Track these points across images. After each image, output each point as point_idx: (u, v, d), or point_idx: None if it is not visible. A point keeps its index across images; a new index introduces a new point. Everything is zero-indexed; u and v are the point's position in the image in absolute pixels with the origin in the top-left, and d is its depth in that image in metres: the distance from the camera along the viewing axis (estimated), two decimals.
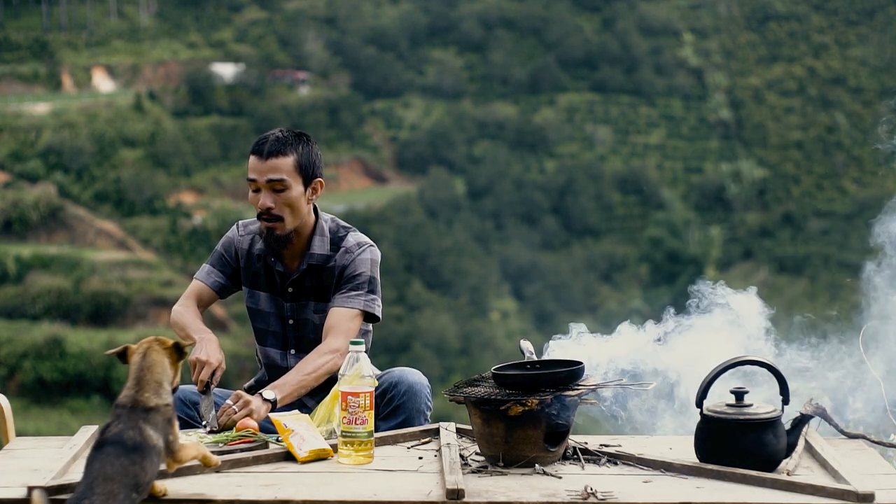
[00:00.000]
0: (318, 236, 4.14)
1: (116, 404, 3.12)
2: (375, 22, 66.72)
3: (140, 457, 2.98)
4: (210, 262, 4.25)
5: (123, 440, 2.99)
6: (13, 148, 52.15)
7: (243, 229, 4.25)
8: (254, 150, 4.09)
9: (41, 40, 61.55)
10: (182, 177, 53.35)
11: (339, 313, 4.05)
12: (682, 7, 70.85)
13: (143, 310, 43.29)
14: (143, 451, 3.00)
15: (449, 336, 44.87)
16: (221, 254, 4.24)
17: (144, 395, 3.11)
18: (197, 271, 4.27)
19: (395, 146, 60.61)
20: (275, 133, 4.10)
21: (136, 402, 3.10)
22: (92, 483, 2.90)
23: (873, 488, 3.19)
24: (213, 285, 4.22)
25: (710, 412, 3.47)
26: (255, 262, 4.20)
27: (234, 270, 4.24)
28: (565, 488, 3.28)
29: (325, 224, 4.16)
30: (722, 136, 64.07)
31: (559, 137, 61.47)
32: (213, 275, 4.23)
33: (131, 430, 3.02)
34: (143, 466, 2.98)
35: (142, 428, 3.04)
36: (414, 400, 4.01)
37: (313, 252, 4.12)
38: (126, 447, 2.98)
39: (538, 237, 54.41)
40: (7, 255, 45.14)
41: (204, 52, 62.95)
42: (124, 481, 2.92)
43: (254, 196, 4.09)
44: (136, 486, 2.96)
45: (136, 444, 3.00)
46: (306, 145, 4.10)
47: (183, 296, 4.21)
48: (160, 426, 3.09)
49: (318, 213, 4.19)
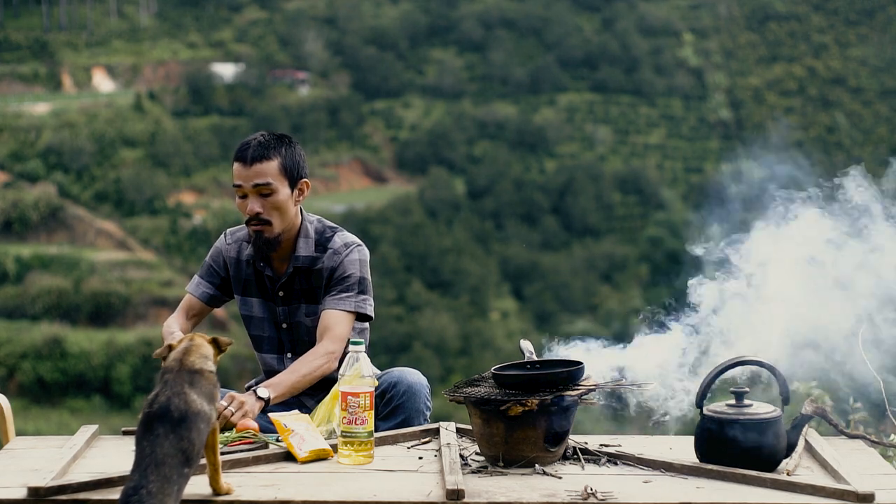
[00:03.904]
0: (303, 238, 4.13)
1: (163, 368, 3.13)
2: (375, 22, 66.74)
3: (187, 429, 2.98)
4: (199, 274, 4.25)
5: (170, 411, 2.99)
6: (13, 148, 52.15)
7: (230, 237, 4.24)
8: (237, 156, 4.07)
9: (41, 40, 61.56)
10: (182, 177, 53.36)
11: (331, 315, 4.04)
12: (682, 7, 70.86)
13: (143, 310, 43.28)
14: (189, 421, 3.00)
15: (449, 336, 44.85)
16: (210, 264, 4.24)
17: (191, 359, 3.15)
18: (189, 282, 4.27)
19: (395, 146, 60.62)
20: (256, 138, 4.09)
21: (182, 365, 3.13)
22: (146, 470, 2.89)
23: (873, 488, 3.19)
24: (202, 297, 4.21)
25: (710, 412, 3.47)
26: (245, 268, 4.19)
27: (223, 280, 4.23)
28: (565, 488, 3.28)
29: (309, 225, 4.15)
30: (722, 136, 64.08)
31: (559, 137, 61.48)
32: (202, 286, 4.22)
33: (176, 398, 3.02)
34: (192, 439, 2.98)
35: (186, 393, 3.04)
36: (413, 400, 4.01)
37: (299, 254, 4.12)
38: (173, 421, 2.98)
39: (538, 237, 54.42)
40: (7, 255, 45.14)
41: (204, 52, 62.97)
42: (176, 460, 2.93)
43: (241, 202, 4.08)
44: (188, 461, 2.96)
45: (182, 414, 3.00)
46: (289, 147, 4.09)
47: (176, 309, 4.23)
48: (206, 391, 3.10)
49: (304, 214, 4.18)
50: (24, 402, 36.50)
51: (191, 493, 3.19)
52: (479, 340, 45.46)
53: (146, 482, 2.87)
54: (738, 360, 3.52)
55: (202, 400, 3.07)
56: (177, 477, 2.91)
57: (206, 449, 3.16)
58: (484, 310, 49.28)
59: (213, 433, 3.17)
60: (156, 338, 38.81)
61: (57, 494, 3.18)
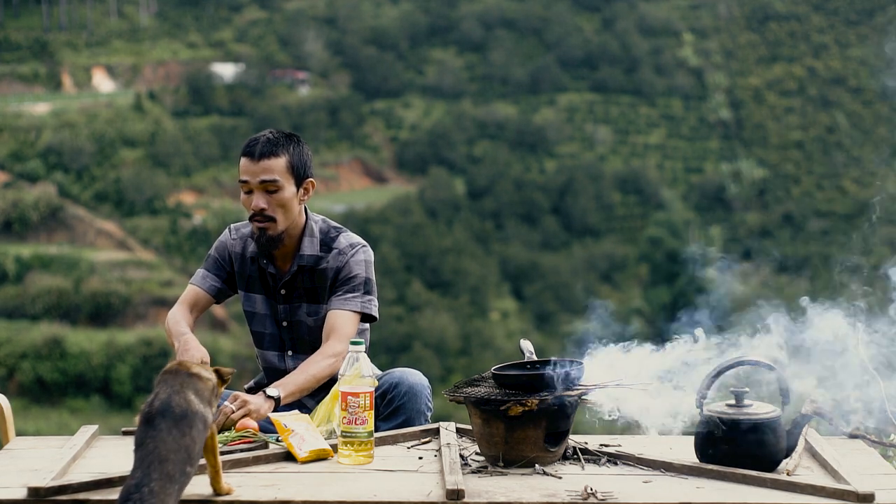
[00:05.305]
0: (308, 237, 4.13)
1: (163, 371, 3.13)
2: (375, 22, 66.75)
3: (188, 426, 2.98)
4: (205, 267, 4.24)
5: (172, 408, 2.98)
6: (13, 148, 52.17)
7: (235, 233, 4.25)
8: (245, 151, 4.08)
9: (41, 40, 61.57)
10: (182, 177, 53.36)
11: (337, 316, 4.05)
12: (682, 7, 70.88)
13: (143, 310, 43.30)
14: (190, 418, 3.00)
15: (449, 336, 44.86)
16: (216, 258, 4.24)
17: (188, 364, 3.16)
18: (192, 276, 4.27)
19: (395, 146, 60.62)
20: (265, 134, 4.10)
21: (181, 366, 3.14)
22: (149, 467, 2.87)
23: (873, 488, 3.19)
24: (209, 289, 4.21)
25: (710, 412, 3.47)
26: (249, 265, 4.20)
27: (229, 274, 4.23)
28: (565, 488, 3.28)
29: (314, 225, 4.16)
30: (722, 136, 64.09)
31: (559, 137, 61.49)
32: (209, 279, 4.22)
33: (177, 395, 3.02)
34: (193, 436, 2.98)
35: (186, 392, 3.05)
36: (414, 401, 4.01)
37: (303, 253, 4.12)
38: (175, 417, 2.97)
39: (538, 237, 54.42)
40: (7, 255, 45.15)
41: (204, 52, 62.98)
42: (178, 457, 2.91)
43: (246, 198, 4.09)
44: (190, 458, 2.95)
45: (183, 411, 2.99)
46: (297, 146, 4.10)
47: (178, 301, 4.21)
48: (204, 395, 3.10)
49: (308, 213, 4.18)
50: (24, 402, 36.51)
51: (191, 493, 3.19)
52: (479, 340, 45.47)
53: (148, 480, 2.84)
54: (738, 360, 3.51)
55: (200, 402, 3.07)
56: (179, 476, 2.90)
57: (206, 451, 3.16)
58: (484, 310, 49.29)
59: (213, 436, 3.17)
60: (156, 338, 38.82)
61: (57, 494, 3.18)
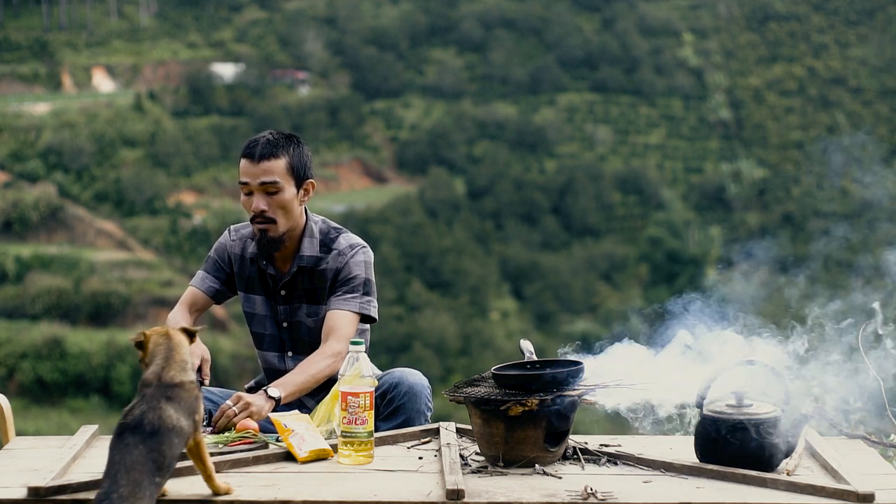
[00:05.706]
0: (308, 238, 4.14)
1: (142, 381, 3.14)
2: (375, 22, 66.75)
3: (158, 442, 3.01)
4: (204, 269, 4.25)
5: (143, 425, 3.02)
6: (13, 148, 52.16)
7: (235, 234, 4.25)
8: (245, 153, 4.08)
9: (41, 40, 61.56)
10: (182, 177, 53.35)
11: (337, 316, 4.05)
12: (682, 7, 70.88)
13: (143, 310, 43.28)
14: (162, 434, 3.02)
15: (449, 336, 44.86)
16: (216, 259, 4.24)
17: (170, 373, 3.14)
18: (192, 278, 4.28)
19: (395, 146, 60.62)
20: (265, 136, 4.10)
21: (161, 379, 3.13)
22: (116, 475, 2.93)
23: (873, 488, 3.19)
24: (208, 291, 4.22)
25: (710, 412, 3.47)
26: (249, 266, 4.20)
27: (228, 276, 4.24)
28: (565, 488, 3.28)
29: (314, 226, 4.16)
30: (722, 136, 64.08)
31: (559, 137, 61.48)
32: (208, 280, 4.23)
33: (151, 413, 3.04)
34: (163, 451, 3.01)
35: (162, 409, 3.06)
36: (414, 401, 4.01)
37: (303, 254, 4.13)
38: (145, 433, 3.00)
39: (538, 237, 54.42)
40: (7, 255, 45.14)
41: (204, 52, 62.98)
42: (146, 468, 2.96)
43: (246, 199, 4.09)
44: (159, 469, 2.99)
45: (154, 428, 3.02)
46: (297, 147, 4.10)
47: (178, 303, 4.22)
48: (186, 404, 3.11)
49: (308, 214, 4.19)
50: (24, 402, 36.50)
51: (191, 493, 3.19)
52: (479, 340, 45.47)
53: (117, 487, 2.90)
54: (738, 361, 3.51)
55: (180, 415, 3.08)
56: (147, 483, 2.94)
57: (193, 458, 3.19)
58: (484, 310, 49.29)
59: (198, 443, 3.18)
60: None
61: (57, 494, 3.18)
